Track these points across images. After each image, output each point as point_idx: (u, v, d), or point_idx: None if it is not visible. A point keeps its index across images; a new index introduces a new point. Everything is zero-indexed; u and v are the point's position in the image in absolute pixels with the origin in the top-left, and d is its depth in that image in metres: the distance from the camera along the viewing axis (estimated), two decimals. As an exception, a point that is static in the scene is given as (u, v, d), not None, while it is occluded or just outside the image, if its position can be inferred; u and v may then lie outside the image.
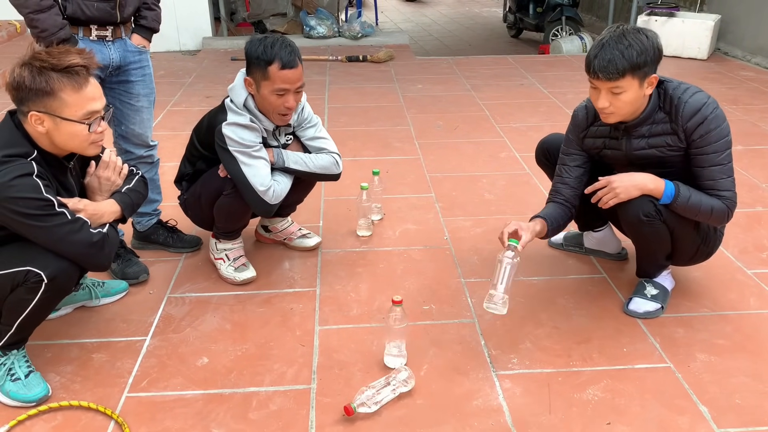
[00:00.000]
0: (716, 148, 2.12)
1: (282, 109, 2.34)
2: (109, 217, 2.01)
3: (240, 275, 2.60)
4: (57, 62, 1.76)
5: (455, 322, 2.37)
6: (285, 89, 2.29)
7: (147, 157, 2.75)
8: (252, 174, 2.35)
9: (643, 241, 2.32)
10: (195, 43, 7.27)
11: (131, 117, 2.63)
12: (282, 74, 2.27)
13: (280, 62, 2.26)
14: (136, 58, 2.59)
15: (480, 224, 3.12)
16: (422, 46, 8.83)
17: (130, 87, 2.60)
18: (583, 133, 2.37)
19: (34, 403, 1.95)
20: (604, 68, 2.01)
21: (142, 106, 2.65)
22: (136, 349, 2.23)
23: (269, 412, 1.95)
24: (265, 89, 2.30)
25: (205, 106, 5.02)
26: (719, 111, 2.13)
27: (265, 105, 2.35)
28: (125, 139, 2.68)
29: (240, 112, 2.35)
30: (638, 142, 2.22)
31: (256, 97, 2.36)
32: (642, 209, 2.15)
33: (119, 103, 2.59)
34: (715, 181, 2.15)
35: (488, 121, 4.70)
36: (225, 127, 2.33)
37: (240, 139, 2.33)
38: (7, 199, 1.73)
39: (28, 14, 2.29)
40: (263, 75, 2.28)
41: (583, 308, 2.44)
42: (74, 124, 1.81)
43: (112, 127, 2.66)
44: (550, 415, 1.93)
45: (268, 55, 2.25)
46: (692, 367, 2.12)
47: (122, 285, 2.55)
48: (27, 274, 1.80)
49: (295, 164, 2.50)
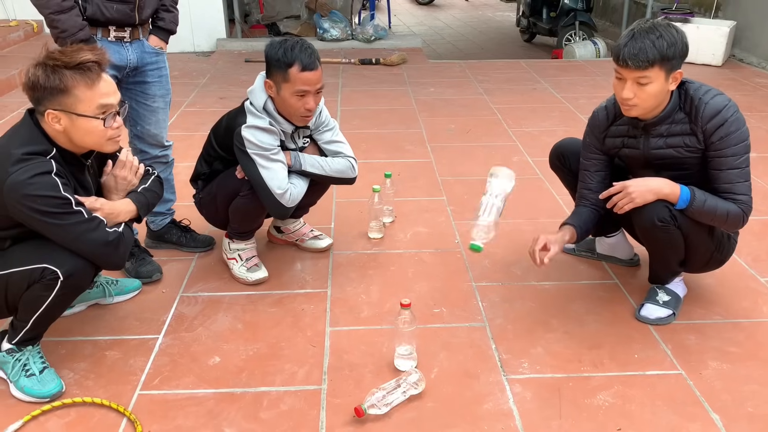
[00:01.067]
0: (735, 152, 2.11)
1: (302, 110, 2.36)
2: (125, 217, 2.03)
3: (252, 275, 2.61)
4: (69, 60, 1.79)
5: (466, 326, 2.37)
6: (305, 91, 2.31)
7: (162, 157, 2.78)
8: (269, 177, 2.37)
9: (657, 247, 2.32)
10: (209, 44, 7.32)
11: (147, 117, 2.66)
12: (302, 76, 2.29)
13: (300, 64, 2.28)
14: (153, 59, 2.61)
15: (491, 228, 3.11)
16: (435, 49, 8.84)
17: (147, 88, 2.62)
18: (603, 133, 2.36)
19: (48, 398, 1.97)
20: (635, 56, 2.00)
21: (158, 106, 2.67)
22: (148, 347, 2.25)
23: (280, 412, 1.96)
24: (286, 91, 2.32)
25: (219, 107, 5.05)
26: (739, 115, 2.12)
27: (285, 107, 2.37)
28: (140, 139, 2.70)
29: (259, 115, 2.37)
30: (656, 141, 2.22)
31: (276, 99, 2.38)
32: (657, 214, 2.14)
33: (135, 103, 2.62)
34: (732, 184, 2.13)
35: (500, 125, 4.70)
36: (244, 129, 2.35)
37: (259, 141, 2.35)
38: (26, 196, 1.76)
39: (49, 15, 2.32)
40: (284, 77, 2.30)
41: (595, 314, 2.44)
42: (89, 119, 1.84)
43: (128, 127, 2.69)
44: (561, 420, 1.93)
45: (288, 58, 2.27)
46: (704, 375, 2.11)
47: (136, 283, 2.57)
48: (43, 271, 1.83)
49: (312, 168, 2.52)
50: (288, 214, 2.51)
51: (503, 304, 2.51)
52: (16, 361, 2.00)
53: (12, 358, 2.01)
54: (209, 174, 2.61)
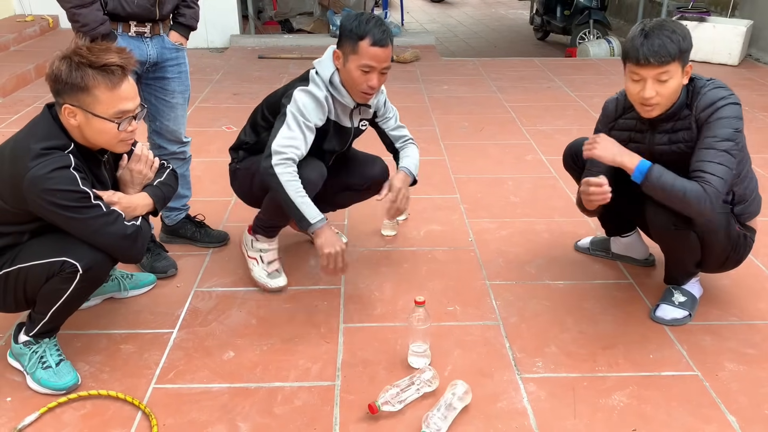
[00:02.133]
0: (716, 133, 2.06)
1: (364, 86, 2.31)
2: (142, 210, 2.03)
3: (273, 282, 2.54)
4: (95, 59, 1.78)
5: (480, 324, 2.36)
6: (371, 67, 2.26)
7: (179, 153, 2.79)
8: (286, 136, 2.26)
9: (673, 250, 2.30)
10: (222, 40, 7.34)
11: (166, 113, 2.66)
12: (371, 51, 2.24)
13: (371, 38, 2.23)
14: (173, 55, 2.62)
15: (505, 227, 3.11)
16: (448, 47, 8.82)
17: (166, 84, 2.63)
18: (611, 124, 2.36)
19: (64, 391, 1.99)
20: (656, 53, 1.99)
21: (177, 102, 2.68)
22: (163, 341, 2.26)
23: (294, 408, 1.96)
24: (352, 63, 2.27)
25: (232, 103, 5.07)
26: (735, 108, 2.09)
27: (348, 79, 2.32)
28: (159, 135, 2.71)
29: (320, 86, 2.34)
30: (661, 137, 2.21)
31: (341, 70, 2.33)
32: (672, 219, 2.12)
33: (154, 99, 2.63)
34: (703, 162, 2.05)
35: (514, 123, 4.68)
36: (299, 90, 2.31)
37: (303, 106, 2.30)
38: (45, 191, 1.77)
39: (71, 9, 2.34)
40: (353, 49, 2.26)
41: (610, 313, 2.42)
42: (104, 121, 1.83)
43: (147, 123, 2.70)
44: (575, 420, 1.92)
45: (361, 30, 2.24)
46: (720, 376, 2.10)
47: (150, 278, 2.58)
48: (63, 264, 1.84)
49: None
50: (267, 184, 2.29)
51: (517, 302, 2.50)
52: (33, 353, 2.02)
53: (29, 351, 2.02)
54: (254, 145, 2.51)
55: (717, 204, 2.05)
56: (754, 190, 2.29)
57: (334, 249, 2.26)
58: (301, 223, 2.26)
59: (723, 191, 2.05)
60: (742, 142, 2.11)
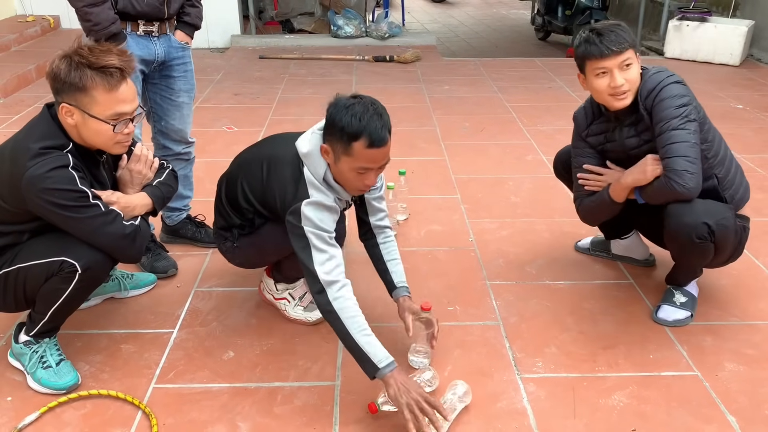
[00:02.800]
0: (662, 116, 2.12)
1: (360, 185, 1.98)
2: (141, 210, 2.04)
3: (311, 315, 2.36)
4: (95, 60, 1.78)
5: (480, 324, 2.36)
6: (368, 168, 1.93)
7: (184, 154, 2.80)
8: (322, 260, 1.94)
9: (689, 259, 2.29)
10: (223, 40, 7.34)
11: (171, 113, 2.67)
12: (367, 153, 1.87)
13: (368, 139, 1.85)
14: (179, 54, 2.64)
15: (506, 227, 3.11)
16: (449, 47, 8.81)
17: (172, 83, 2.64)
18: (585, 132, 2.40)
19: (65, 390, 1.99)
20: (615, 41, 2.11)
21: (182, 102, 2.69)
22: (163, 341, 2.27)
23: (294, 407, 1.97)
24: (345, 165, 1.92)
25: (233, 103, 5.07)
26: (674, 86, 2.14)
27: (341, 179, 1.99)
28: (164, 135, 2.72)
29: (323, 190, 1.99)
30: (629, 130, 2.27)
31: (332, 167, 1.98)
32: (696, 232, 2.10)
33: (160, 98, 2.64)
34: (663, 148, 2.12)
35: (515, 123, 4.68)
36: (306, 206, 1.95)
37: (320, 221, 1.96)
38: (44, 190, 1.77)
39: (82, 8, 2.35)
40: (344, 149, 1.89)
41: (610, 314, 2.42)
42: (101, 122, 1.83)
43: (151, 123, 2.71)
44: (575, 420, 1.92)
45: (354, 128, 1.85)
46: (720, 376, 2.10)
47: (151, 278, 2.59)
48: (62, 264, 1.84)
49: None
50: (327, 321, 1.99)
51: (517, 302, 2.50)
52: (33, 353, 2.02)
53: (29, 350, 2.03)
54: (248, 225, 2.24)
55: (696, 178, 2.09)
56: (737, 172, 2.31)
57: (415, 399, 1.81)
58: (365, 366, 1.89)
59: (695, 165, 2.09)
60: (692, 114, 2.12)
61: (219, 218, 2.32)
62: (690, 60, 6.61)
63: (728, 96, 5.34)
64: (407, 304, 2.17)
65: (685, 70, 6.08)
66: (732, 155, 2.33)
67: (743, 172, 2.35)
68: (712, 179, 2.23)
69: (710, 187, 2.21)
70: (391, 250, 2.29)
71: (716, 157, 2.24)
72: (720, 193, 2.23)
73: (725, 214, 2.15)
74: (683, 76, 2.24)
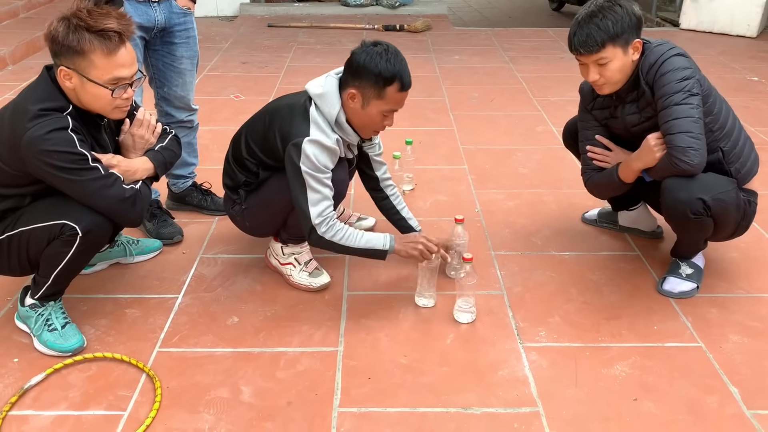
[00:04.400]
0: (664, 91, 2.09)
1: (380, 127, 2.16)
2: (142, 174, 2.03)
3: (316, 281, 2.37)
4: (93, 23, 1.77)
5: (484, 293, 2.36)
6: (393, 110, 2.11)
7: (187, 122, 2.78)
8: (314, 200, 2.08)
9: (688, 233, 2.28)
10: (232, 8, 7.27)
11: (174, 79, 2.65)
12: (399, 96, 2.07)
13: (400, 83, 2.03)
14: (181, 20, 2.59)
15: (513, 198, 3.09)
16: (461, 17, 8.67)
17: (174, 49, 2.61)
18: (590, 105, 2.40)
19: (70, 353, 2.01)
20: (584, 43, 2.09)
21: (185, 68, 2.66)
22: (168, 306, 2.28)
23: (296, 372, 1.98)
24: (374, 108, 2.07)
25: (241, 72, 5.04)
26: (676, 59, 2.10)
27: (363, 120, 2.11)
28: (167, 102, 2.70)
29: (326, 130, 2.09)
30: (630, 107, 2.26)
31: (353, 110, 2.10)
32: (690, 207, 2.09)
33: (162, 65, 2.62)
34: (665, 124, 2.09)
35: (525, 94, 4.62)
36: (307, 143, 2.04)
37: (317, 161, 2.06)
38: (43, 152, 1.77)
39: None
40: (378, 93, 2.03)
41: (615, 285, 2.41)
42: (99, 86, 1.82)
43: (154, 89, 2.69)
44: (576, 389, 1.92)
45: (389, 72, 2.01)
46: (724, 348, 2.08)
47: (156, 243, 2.60)
48: (63, 227, 1.85)
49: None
50: (325, 248, 2.19)
51: (522, 273, 2.49)
52: (39, 315, 2.04)
53: (35, 313, 2.05)
54: (253, 181, 2.30)
55: (700, 154, 2.06)
56: (744, 144, 2.27)
57: (417, 247, 2.22)
58: (375, 256, 2.21)
59: (699, 140, 2.06)
60: (695, 88, 2.09)
61: (226, 179, 2.38)
62: (706, 31, 6.47)
63: (744, 68, 5.23)
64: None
65: (700, 41, 5.97)
66: (741, 128, 2.29)
67: (753, 145, 2.31)
68: (716, 152, 2.19)
69: (714, 160, 2.18)
70: (400, 200, 2.53)
71: (722, 129, 2.20)
72: (724, 167, 2.20)
73: (724, 188, 2.12)
74: (698, 47, 2.22)
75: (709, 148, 2.14)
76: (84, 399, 1.87)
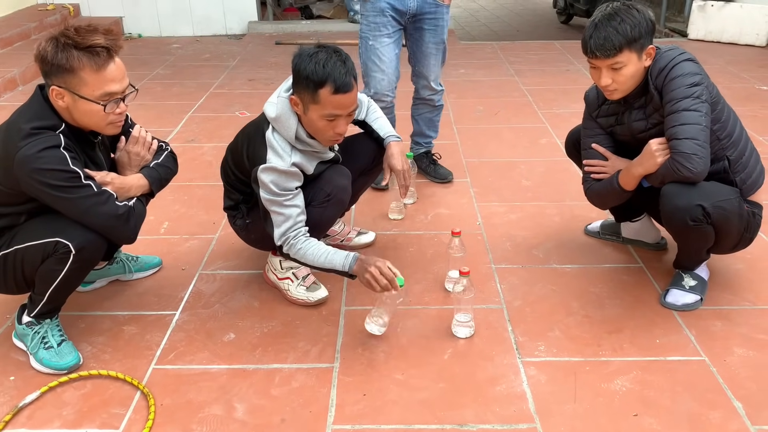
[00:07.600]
0: (672, 96, 2.06)
1: (331, 134, 2.07)
2: (137, 191, 2.04)
3: (313, 295, 2.36)
4: (81, 40, 1.78)
5: (483, 307, 2.33)
6: (336, 115, 2.02)
7: (429, 100, 3.26)
8: (277, 222, 2.11)
9: (688, 241, 2.24)
10: (241, 27, 7.34)
11: (421, 60, 3.11)
12: (334, 99, 1.97)
13: (333, 85, 1.94)
14: (432, 10, 2.98)
15: (515, 210, 3.06)
16: (469, 32, 8.70)
17: (423, 34, 3.04)
18: (595, 113, 2.37)
19: (66, 370, 2.01)
20: (601, 46, 2.05)
21: (430, 52, 3.09)
22: (165, 322, 2.28)
23: (291, 389, 1.96)
24: (314, 113, 2.01)
25: (247, 89, 5.07)
26: (685, 65, 2.07)
27: (312, 128, 2.08)
28: (417, 78, 3.19)
29: (282, 154, 2.07)
30: (637, 113, 2.22)
31: (302, 118, 2.07)
32: (689, 214, 2.06)
33: (413, 45, 3.09)
34: (670, 129, 2.06)
35: (530, 106, 4.60)
36: (261, 172, 2.06)
37: (274, 186, 2.06)
38: (35, 170, 1.77)
39: None
40: (312, 98, 1.98)
41: (617, 298, 2.37)
42: (91, 103, 1.83)
43: (411, 66, 3.14)
44: (575, 404, 1.88)
45: (318, 76, 1.94)
46: (728, 362, 2.04)
47: (156, 260, 2.60)
48: (56, 245, 1.85)
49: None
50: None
51: (523, 286, 2.46)
52: (35, 333, 2.05)
53: (31, 331, 2.05)
54: (249, 198, 2.31)
55: (703, 162, 2.02)
56: (751, 155, 2.23)
57: (371, 273, 2.02)
58: (338, 274, 2.11)
59: (704, 149, 2.02)
60: (704, 95, 2.06)
61: (226, 200, 2.43)
62: (714, 41, 6.43)
63: (753, 77, 5.18)
64: (387, 154, 2.41)
65: (709, 51, 5.92)
66: (747, 138, 2.25)
67: (759, 157, 2.27)
68: (722, 161, 2.16)
69: (719, 168, 2.15)
70: (372, 114, 2.50)
71: (729, 138, 2.17)
72: (729, 176, 2.16)
73: (726, 196, 2.08)
74: (707, 57, 2.20)
75: (716, 156, 2.11)
76: (78, 417, 1.86)
